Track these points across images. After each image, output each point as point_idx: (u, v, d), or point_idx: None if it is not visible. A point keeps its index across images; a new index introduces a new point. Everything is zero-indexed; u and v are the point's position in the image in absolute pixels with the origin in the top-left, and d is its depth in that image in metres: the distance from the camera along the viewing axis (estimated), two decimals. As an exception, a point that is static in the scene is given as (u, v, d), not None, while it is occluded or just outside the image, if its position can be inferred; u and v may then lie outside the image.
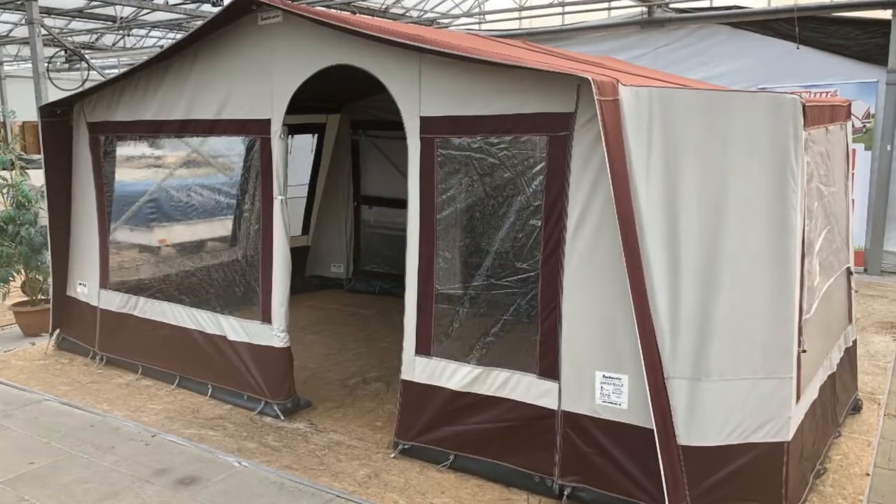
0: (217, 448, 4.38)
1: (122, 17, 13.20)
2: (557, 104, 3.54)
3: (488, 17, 13.15)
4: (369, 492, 3.83)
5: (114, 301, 5.79)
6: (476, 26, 13.32)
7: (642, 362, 3.26)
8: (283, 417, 4.76)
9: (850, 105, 4.79)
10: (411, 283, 4.13)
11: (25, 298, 6.88)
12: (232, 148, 5.18)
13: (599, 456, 3.58)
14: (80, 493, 3.90)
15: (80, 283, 6.11)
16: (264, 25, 4.67)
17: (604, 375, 3.53)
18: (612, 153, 3.24)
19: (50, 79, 10.06)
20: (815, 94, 8.34)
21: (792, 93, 3.23)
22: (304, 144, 7.93)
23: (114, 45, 16.48)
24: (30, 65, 9.76)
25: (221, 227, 5.43)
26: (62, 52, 11.93)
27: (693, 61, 9.47)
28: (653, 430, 3.27)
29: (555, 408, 3.68)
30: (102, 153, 5.83)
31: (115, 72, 12.34)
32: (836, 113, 4.25)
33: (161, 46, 15.53)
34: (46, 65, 10.12)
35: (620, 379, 3.49)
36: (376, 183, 8.00)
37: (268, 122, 4.71)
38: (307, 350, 6.14)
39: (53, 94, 7.50)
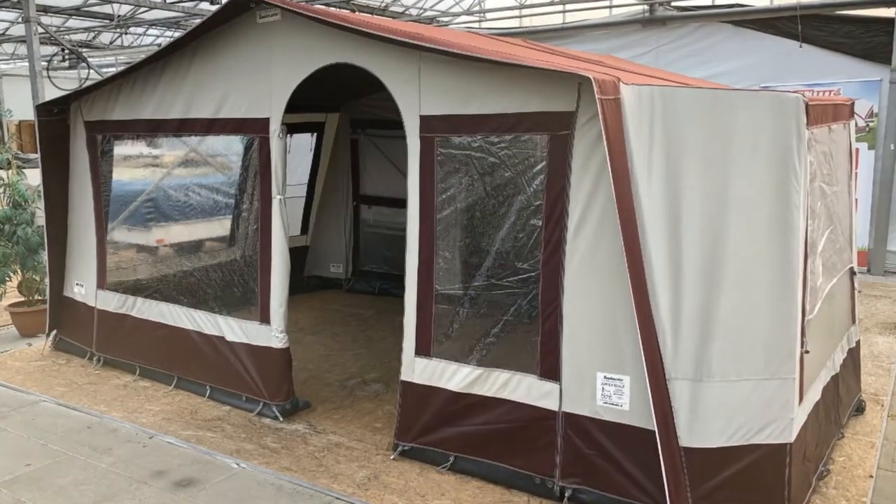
0: (215, 449, 4.35)
1: (119, 16, 13.16)
2: (558, 103, 3.52)
3: (488, 16, 13.11)
4: (368, 494, 3.81)
5: (111, 301, 5.76)
6: (476, 24, 13.28)
7: (644, 363, 3.24)
8: (281, 419, 4.73)
9: (853, 104, 4.76)
10: (411, 284, 4.10)
11: (22, 299, 6.85)
12: (230, 147, 5.15)
13: (601, 457, 3.55)
14: (76, 495, 3.87)
15: (77, 284, 6.08)
16: (263, 24, 4.63)
17: (605, 376, 3.51)
18: (614, 152, 3.21)
19: (49, 77, 10.02)
20: (818, 92, 8.30)
21: (795, 91, 3.20)
22: (303, 143, 7.89)
23: (111, 43, 16.44)
24: (26, 63, 9.72)
25: (220, 226, 5.40)
26: (61, 51, 11.90)
27: (695, 60, 9.43)
28: (654, 432, 3.25)
29: (556, 409, 3.66)
30: (100, 152, 5.79)
31: (113, 70, 12.31)
32: (839, 112, 4.22)
33: (159, 45, 15.49)
34: (46, 63, 10.08)
35: (622, 380, 3.47)
36: (376, 182, 7.97)
37: (266, 120, 4.68)
38: (306, 351, 6.12)
39: (51, 93, 7.46)
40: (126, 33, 15.61)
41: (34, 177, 6.83)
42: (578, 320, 3.56)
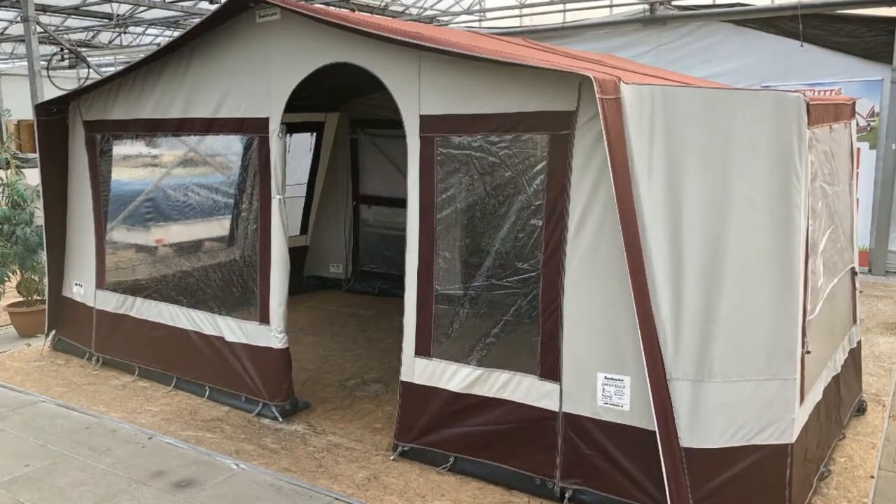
0: (214, 450, 4.33)
1: (118, 15, 13.14)
2: (559, 102, 3.50)
3: (488, 15, 13.10)
4: (368, 494, 3.80)
5: (110, 302, 5.74)
6: (476, 24, 13.27)
7: (644, 363, 3.23)
8: (281, 419, 4.71)
9: (854, 103, 4.75)
10: (411, 284, 4.09)
11: (21, 299, 6.83)
12: (229, 147, 5.13)
13: (601, 458, 3.54)
14: (75, 495, 3.86)
15: (76, 284, 6.06)
16: (262, 23, 4.62)
17: (606, 377, 3.49)
18: (614, 152, 3.20)
19: (49, 77, 10.00)
20: (820, 92, 8.28)
21: (796, 91, 3.19)
22: (303, 143, 7.88)
23: (110, 42, 16.42)
24: (25, 63, 9.70)
25: (219, 226, 5.38)
26: (60, 51, 11.89)
27: (696, 59, 9.40)
28: (655, 432, 3.24)
29: (556, 409, 3.64)
30: (99, 152, 5.78)
31: (112, 70, 12.30)
32: (840, 111, 4.20)
33: (158, 44, 15.47)
34: (45, 63, 10.04)
35: (622, 380, 3.45)
36: (375, 182, 7.95)
37: (266, 120, 4.67)
38: (306, 351, 6.10)
39: (49, 93, 7.45)
40: (125, 33, 15.59)
41: (33, 176, 6.82)
42: (579, 320, 3.55)
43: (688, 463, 3.25)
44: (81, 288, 6.00)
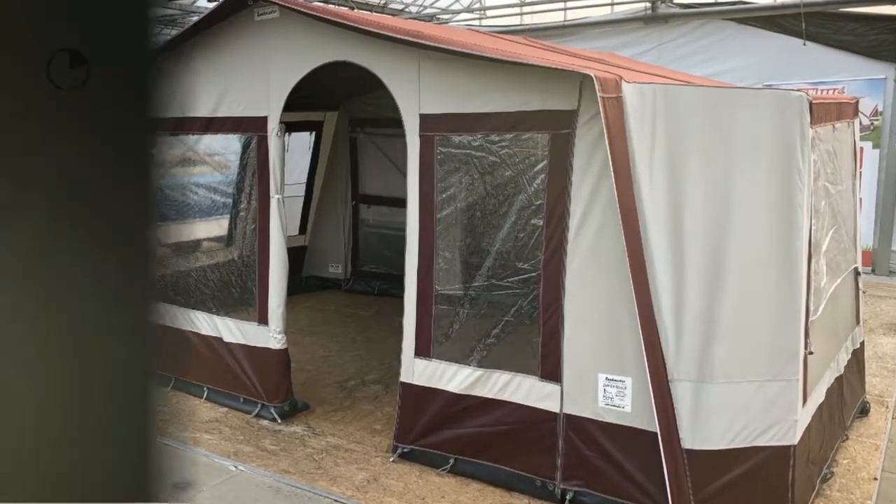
0: (213, 452, 4.31)
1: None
2: (559, 101, 3.48)
3: (489, 13, 13.06)
4: (368, 496, 3.77)
5: (109, 301, 5.72)
6: (476, 22, 13.24)
7: (646, 364, 3.20)
8: (280, 420, 4.69)
9: (857, 102, 4.73)
10: (410, 284, 4.06)
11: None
12: (228, 146, 5.11)
13: (602, 460, 3.51)
14: (73, 497, 3.84)
15: (75, 283, 6.04)
16: (261, 21, 4.60)
17: (607, 378, 3.47)
18: (615, 151, 3.18)
19: (48, 76, 10.00)
20: (822, 91, 8.24)
21: (798, 90, 3.16)
22: (302, 142, 7.85)
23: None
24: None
25: (217, 226, 5.36)
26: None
27: (698, 58, 9.36)
28: (656, 434, 3.22)
29: (557, 411, 3.62)
30: (97, 151, 5.75)
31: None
32: (843, 110, 4.18)
33: (160, 44, 15.43)
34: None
35: (624, 381, 3.43)
36: (375, 181, 7.93)
37: (264, 119, 4.64)
38: (305, 352, 6.07)
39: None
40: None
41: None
42: (580, 321, 3.52)
43: (689, 464, 3.23)
44: (80, 288, 5.98)
